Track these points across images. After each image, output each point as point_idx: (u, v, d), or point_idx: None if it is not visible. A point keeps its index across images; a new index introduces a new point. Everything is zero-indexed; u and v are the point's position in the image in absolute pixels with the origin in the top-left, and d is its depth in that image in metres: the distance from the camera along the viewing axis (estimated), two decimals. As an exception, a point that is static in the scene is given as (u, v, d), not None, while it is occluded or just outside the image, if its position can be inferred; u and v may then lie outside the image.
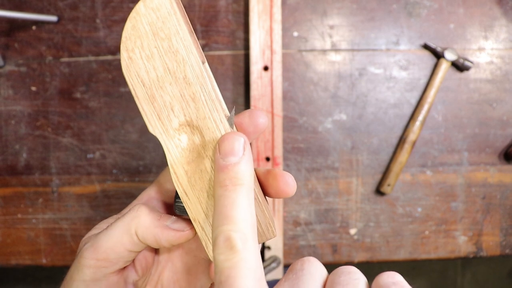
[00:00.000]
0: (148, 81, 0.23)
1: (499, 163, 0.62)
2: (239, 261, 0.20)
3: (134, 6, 0.61)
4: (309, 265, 0.22)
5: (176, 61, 0.23)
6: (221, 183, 0.23)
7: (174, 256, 0.31)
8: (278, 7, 0.58)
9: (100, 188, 0.61)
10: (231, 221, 0.21)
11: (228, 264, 0.20)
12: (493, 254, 0.63)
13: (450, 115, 0.62)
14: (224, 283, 0.19)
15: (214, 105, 0.24)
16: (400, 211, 0.62)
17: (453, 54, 0.60)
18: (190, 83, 0.24)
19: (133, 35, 0.23)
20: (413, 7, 0.62)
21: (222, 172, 0.23)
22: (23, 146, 0.61)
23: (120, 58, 0.22)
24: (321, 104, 0.61)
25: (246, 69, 0.61)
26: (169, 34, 0.23)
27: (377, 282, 0.21)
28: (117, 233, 0.25)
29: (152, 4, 0.23)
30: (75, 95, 0.61)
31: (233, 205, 0.22)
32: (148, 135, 0.61)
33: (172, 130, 0.24)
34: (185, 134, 0.24)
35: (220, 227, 0.21)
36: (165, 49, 0.23)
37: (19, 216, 0.61)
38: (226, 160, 0.23)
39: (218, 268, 0.20)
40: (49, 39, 0.61)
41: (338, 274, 0.21)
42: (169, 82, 0.24)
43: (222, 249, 0.20)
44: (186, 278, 0.30)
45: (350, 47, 0.62)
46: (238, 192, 0.22)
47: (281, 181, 0.25)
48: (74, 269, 0.26)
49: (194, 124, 0.24)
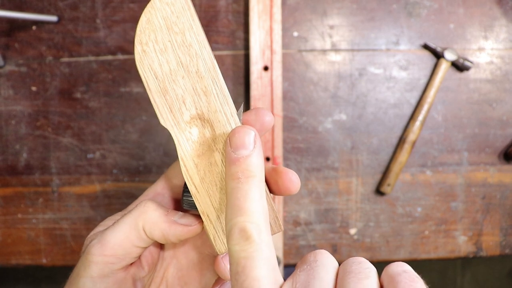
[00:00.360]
0: (161, 74, 0.24)
1: (499, 163, 0.62)
2: (255, 251, 0.20)
3: (134, 6, 0.61)
4: (321, 257, 0.22)
5: (189, 55, 0.24)
6: (233, 176, 0.23)
7: (179, 252, 0.31)
8: (278, 7, 0.58)
9: (100, 188, 0.61)
10: (245, 212, 0.21)
11: (244, 254, 0.20)
12: (493, 254, 0.63)
13: (450, 115, 0.62)
14: (240, 274, 0.20)
15: (225, 99, 0.25)
16: (400, 211, 0.62)
17: (453, 54, 0.60)
18: (202, 76, 0.24)
19: (148, 28, 0.23)
20: (413, 7, 0.62)
21: (234, 165, 0.23)
22: (23, 146, 0.61)
23: (133, 52, 0.23)
24: (321, 104, 0.61)
25: (246, 69, 0.61)
26: (183, 29, 0.24)
27: (387, 271, 0.21)
28: (124, 229, 0.25)
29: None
30: (75, 95, 0.61)
31: (246, 197, 0.22)
32: (149, 135, 0.61)
33: (184, 123, 0.24)
34: (196, 127, 0.25)
35: (234, 218, 0.21)
36: (179, 43, 0.24)
37: (19, 216, 0.61)
38: (237, 153, 0.23)
39: (233, 258, 0.21)
40: (49, 39, 0.61)
41: (350, 264, 0.22)
42: (181, 75, 0.24)
43: (238, 239, 0.21)
44: (191, 274, 0.30)
45: (350, 47, 0.62)
46: (251, 184, 0.23)
47: (286, 178, 0.26)
48: (81, 266, 0.26)
49: (205, 117, 0.24)
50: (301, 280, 0.20)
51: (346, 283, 0.20)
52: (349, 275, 0.20)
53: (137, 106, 0.61)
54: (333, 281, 0.20)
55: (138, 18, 0.61)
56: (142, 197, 0.30)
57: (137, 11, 0.61)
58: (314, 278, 0.20)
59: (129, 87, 0.61)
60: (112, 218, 0.29)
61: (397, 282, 0.20)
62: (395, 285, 0.20)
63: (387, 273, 0.21)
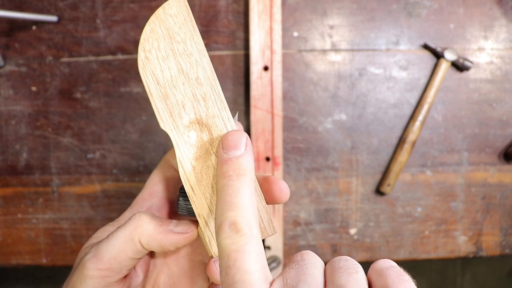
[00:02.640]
0: (163, 80, 0.25)
1: (499, 163, 0.62)
2: (246, 244, 0.20)
3: (134, 6, 0.61)
4: (308, 256, 0.23)
5: (189, 63, 0.25)
6: (225, 174, 0.23)
7: (169, 260, 0.31)
8: (278, 7, 0.58)
9: (100, 188, 0.61)
10: (236, 207, 0.22)
11: (235, 247, 0.20)
12: (493, 254, 0.63)
13: (450, 115, 0.62)
14: (231, 267, 0.20)
15: (223, 105, 0.26)
16: (400, 211, 0.62)
17: (453, 54, 0.60)
18: (201, 83, 0.25)
19: (151, 37, 0.24)
20: (413, 7, 0.62)
21: (225, 164, 0.24)
22: (23, 146, 0.61)
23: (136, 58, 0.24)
24: (321, 104, 0.61)
25: (246, 69, 0.61)
26: (184, 38, 0.25)
27: (374, 267, 0.22)
28: (120, 243, 0.26)
29: (171, 11, 0.25)
30: (75, 95, 0.61)
31: (238, 193, 0.22)
32: (149, 135, 0.61)
33: (183, 127, 0.25)
34: (194, 132, 0.26)
35: (225, 213, 0.22)
36: (180, 52, 0.25)
37: (19, 216, 0.61)
38: (229, 154, 0.24)
39: (224, 253, 0.21)
40: (49, 39, 0.61)
41: (337, 261, 0.22)
42: (182, 82, 0.25)
43: (228, 233, 0.21)
44: (183, 281, 0.30)
45: (350, 47, 0.62)
46: (242, 181, 0.23)
47: (276, 187, 0.27)
48: (76, 280, 0.26)
49: (204, 122, 0.26)
50: (291, 276, 0.21)
51: (337, 278, 0.20)
52: (339, 271, 0.21)
53: (137, 106, 0.61)
54: (322, 276, 0.21)
55: (138, 18, 0.61)
56: (145, 189, 0.31)
57: (137, 11, 0.61)
58: (304, 274, 0.21)
59: (129, 87, 0.61)
60: (106, 230, 0.29)
61: (386, 276, 0.20)
62: (384, 279, 0.20)
63: (374, 269, 0.21)
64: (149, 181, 0.31)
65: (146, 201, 0.30)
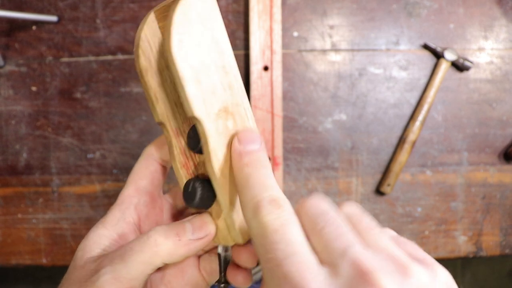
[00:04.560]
0: (196, 65, 0.24)
1: (499, 163, 0.62)
2: (289, 218, 0.21)
3: (134, 6, 0.61)
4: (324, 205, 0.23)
5: (217, 51, 0.25)
6: (249, 163, 0.23)
7: None
8: (278, 7, 0.58)
9: (101, 188, 0.61)
10: (271, 188, 0.22)
11: (279, 222, 0.20)
12: (493, 254, 0.63)
13: (450, 115, 0.62)
14: (280, 242, 0.19)
15: (244, 94, 0.26)
16: (400, 211, 0.62)
17: (453, 54, 0.60)
18: (227, 72, 0.26)
19: (184, 20, 0.24)
20: (413, 7, 0.62)
21: (246, 156, 0.24)
22: (23, 146, 0.61)
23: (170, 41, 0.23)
24: (321, 104, 0.61)
25: (246, 69, 0.61)
26: (212, 25, 0.25)
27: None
28: (140, 267, 0.25)
29: None
30: (75, 95, 0.61)
31: (267, 177, 0.23)
32: (149, 135, 0.61)
33: (213, 114, 0.25)
34: (221, 120, 0.25)
35: (260, 194, 0.22)
36: (209, 38, 0.25)
37: (19, 216, 0.61)
38: (247, 147, 0.24)
39: (267, 230, 0.20)
40: (49, 39, 0.61)
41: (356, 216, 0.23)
42: (211, 69, 0.25)
43: (270, 209, 0.21)
44: (173, 272, 0.30)
45: (350, 47, 0.62)
46: (267, 169, 0.23)
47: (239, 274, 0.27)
48: None
49: (229, 110, 0.26)
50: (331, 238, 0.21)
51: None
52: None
53: (137, 106, 0.61)
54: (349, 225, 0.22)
55: (138, 18, 0.61)
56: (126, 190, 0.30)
57: (137, 11, 0.61)
58: (341, 234, 0.21)
59: (129, 87, 0.61)
60: (100, 234, 0.28)
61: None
62: None
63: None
64: (133, 176, 0.31)
65: (133, 197, 0.30)
